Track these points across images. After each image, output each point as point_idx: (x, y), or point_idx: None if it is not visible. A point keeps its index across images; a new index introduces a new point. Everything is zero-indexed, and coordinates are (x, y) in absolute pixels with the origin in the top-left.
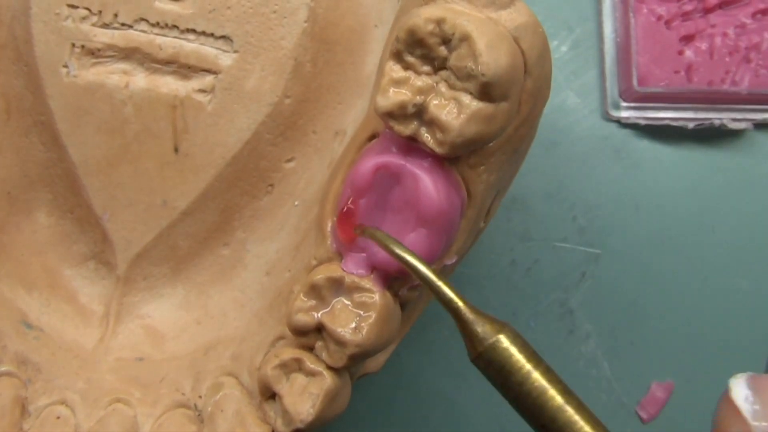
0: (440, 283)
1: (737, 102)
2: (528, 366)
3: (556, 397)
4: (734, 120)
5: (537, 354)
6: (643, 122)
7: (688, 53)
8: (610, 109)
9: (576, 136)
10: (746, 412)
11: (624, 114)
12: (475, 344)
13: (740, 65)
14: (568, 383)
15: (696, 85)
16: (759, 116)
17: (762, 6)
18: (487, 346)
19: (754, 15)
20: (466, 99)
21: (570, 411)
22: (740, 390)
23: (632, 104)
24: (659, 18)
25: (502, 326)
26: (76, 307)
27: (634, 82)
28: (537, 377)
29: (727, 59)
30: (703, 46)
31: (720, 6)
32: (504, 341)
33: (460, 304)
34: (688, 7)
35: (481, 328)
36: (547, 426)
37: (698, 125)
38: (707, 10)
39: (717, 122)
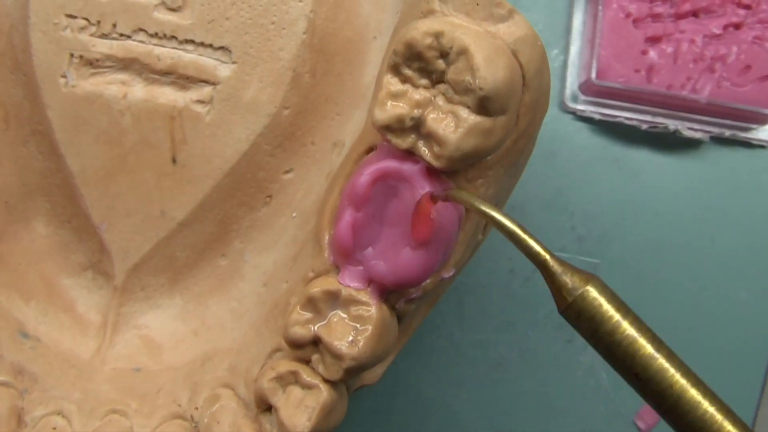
0: (526, 237)
1: (695, 111)
2: (617, 316)
3: (646, 346)
4: (690, 129)
5: (625, 304)
6: (597, 117)
7: (652, 54)
8: (568, 101)
9: (575, 145)
10: None
11: (580, 107)
12: (564, 295)
13: (703, 74)
14: (566, 392)
15: (655, 87)
16: (716, 129)
17: (735, 20)
18: (577, 296)
19: (725, 27)
20: (464, 113)
21: (661, 359)
22: None
23: (590, 98)
24: (628, 15)
25: (590, 277)
26: (74, 317)
27: (593, 75)
28: (627, 326)
29: (691, 66)
30: (669, 49)
31: (693, 14)
32: (593, 291)
33: (548, 256)
34: (660, 9)
35: (570, 278)
36: (639, 375)
37: (651, 127)
38: (679, 16)
39: (672, 127)
